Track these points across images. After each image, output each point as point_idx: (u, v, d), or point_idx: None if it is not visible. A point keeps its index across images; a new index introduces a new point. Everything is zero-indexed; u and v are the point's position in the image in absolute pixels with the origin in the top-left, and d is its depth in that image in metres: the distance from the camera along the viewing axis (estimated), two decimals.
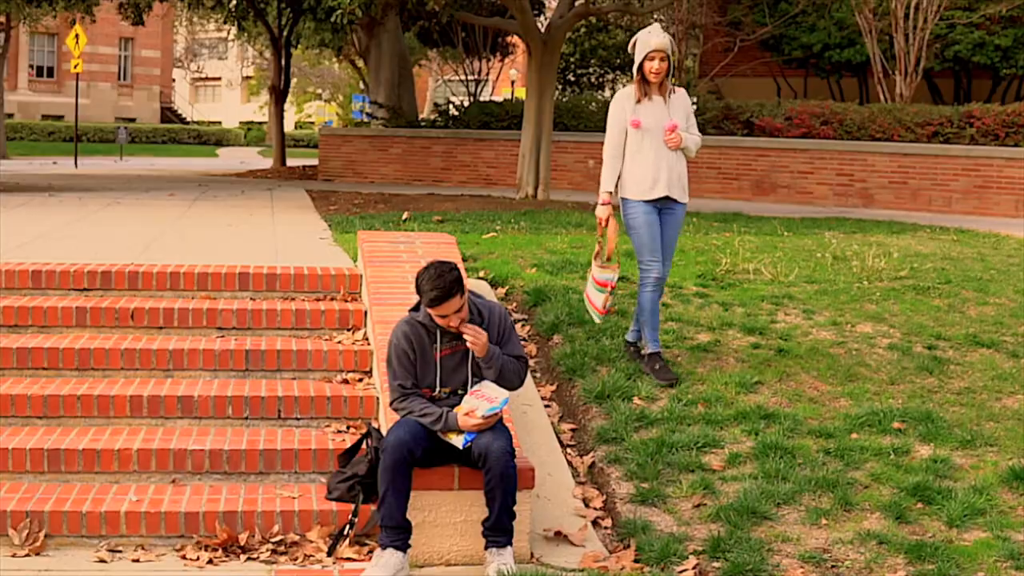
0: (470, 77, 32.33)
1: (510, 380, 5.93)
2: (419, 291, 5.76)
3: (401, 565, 5.59)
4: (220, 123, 74.39)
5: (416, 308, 5.94)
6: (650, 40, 7.46)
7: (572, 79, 33.29)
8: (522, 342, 8.22)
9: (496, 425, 5.74)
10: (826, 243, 11.85)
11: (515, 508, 5.71)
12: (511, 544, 5.72)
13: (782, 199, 20.89)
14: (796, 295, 9.33)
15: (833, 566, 5.61)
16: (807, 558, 5.66)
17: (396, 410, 5.86)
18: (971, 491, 6.23)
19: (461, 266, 6.89)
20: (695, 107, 7.45)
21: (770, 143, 21.45)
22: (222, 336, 7.81)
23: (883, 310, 9.04)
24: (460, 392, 5.88)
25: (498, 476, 5.63)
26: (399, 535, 5.62)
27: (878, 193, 20.29)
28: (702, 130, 8.51)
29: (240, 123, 73.57)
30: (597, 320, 7.84)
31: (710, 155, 21.14)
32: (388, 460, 5.60)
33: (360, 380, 7.41)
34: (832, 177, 20.76)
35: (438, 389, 5.88)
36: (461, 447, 5.71)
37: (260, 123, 69.86)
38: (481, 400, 5.77)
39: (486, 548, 5.72)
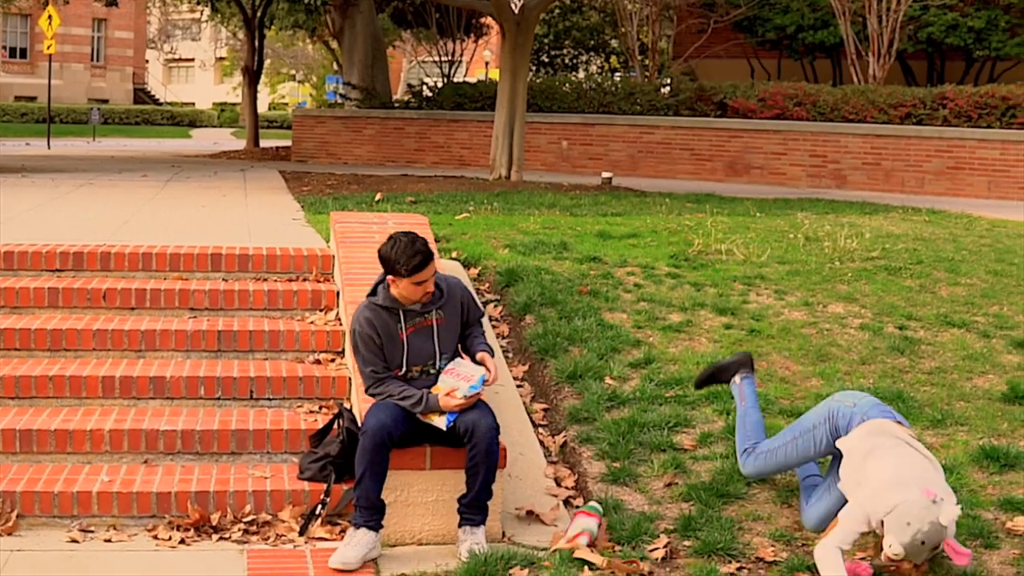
0: (444, 58, 32.25)
1: None
2: (394, 263, 5.71)
3: (373, 544, 5.61)
4: (193, 104, 73.99)
5: (373, 292, 5.92)
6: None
7: (546, 60, 33.34)
8: (494, 323, 8.26)
9: (479, 402, 5.76)
10: (798, 224, 11.88)
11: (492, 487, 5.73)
12: (484, 523, 5.74)
13: (755, 180, 20.91)
14: (768, 276, 9.35)
15: (803, 544, 5.64)
16: (777, 536, 5.69)
17: (373, 395, 5.85)
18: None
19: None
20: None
21: (743, 124, 21.48)
22: (194, 317, 7.78)
23: (855, 291, 9.08)
24: (430, 370, 5.88)
25: (483, 452, 5.65)
26: (373, 515, 5.64)
27: (851, 174, 20.36)
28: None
29: (213, 104, 73.21)
30: None
31: (684, 136, 21.16)
32: (368, 443, 5.60)
33: (332, 360, 7.41)
34: (805, 158, 20.82)
35: (405, 369, 5.87)
36: (445, 428, 5.71)
37: (233, 104, 69.53)
38: (459, 380, 5.77)
39: (460, 526, 5.74)
